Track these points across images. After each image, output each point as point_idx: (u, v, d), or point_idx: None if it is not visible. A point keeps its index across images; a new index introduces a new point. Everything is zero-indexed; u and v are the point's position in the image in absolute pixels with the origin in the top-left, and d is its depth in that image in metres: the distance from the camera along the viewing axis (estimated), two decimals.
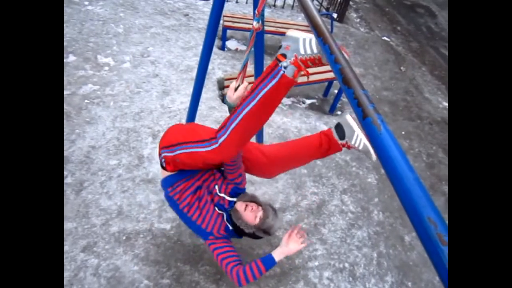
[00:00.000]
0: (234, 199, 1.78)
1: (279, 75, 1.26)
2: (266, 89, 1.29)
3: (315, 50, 1.24)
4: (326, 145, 1.73)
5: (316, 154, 1.78)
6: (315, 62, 1.26)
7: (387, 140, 0.46)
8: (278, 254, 1.72)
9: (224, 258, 1.72)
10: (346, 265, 2.57)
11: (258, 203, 1.77)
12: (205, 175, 1.83)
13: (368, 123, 0.49)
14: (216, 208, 1.77)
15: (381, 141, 0.47)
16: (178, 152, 1.63)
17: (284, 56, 1.26)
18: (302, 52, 1.24)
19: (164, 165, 1.77)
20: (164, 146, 1.73)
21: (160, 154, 1.78)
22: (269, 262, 1.70)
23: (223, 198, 1.77)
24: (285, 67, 1.25)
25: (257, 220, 1.70)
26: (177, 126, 1.92)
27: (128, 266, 2.24)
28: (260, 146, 1.90)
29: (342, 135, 1.66)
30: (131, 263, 2.26)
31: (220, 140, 1.46)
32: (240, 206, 1.73)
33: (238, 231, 1.77)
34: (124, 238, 2.36)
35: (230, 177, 1.76)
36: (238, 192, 1.79)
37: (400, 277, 2.59)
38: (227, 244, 1.76)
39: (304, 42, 1.24)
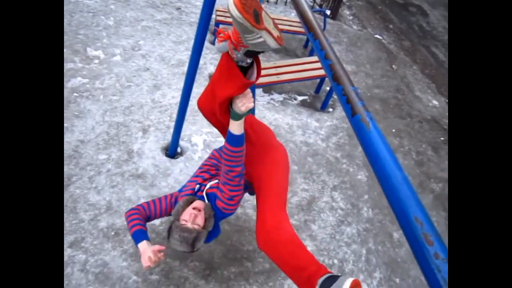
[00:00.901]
0: (205, 199, 1.70)
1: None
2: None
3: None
4: (306, 276, 1.42)
5: (290, 271, 1.50)
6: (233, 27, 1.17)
7: (376, 139, 0.45)
8: (140, 246, 1.66)
9: (150, 202, 1.80)
10: (335, 261, 2.59)
11: (204, 222, 1.62)
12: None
13: (357, 121, 0.49)
14: (196, 187, 1.76)
15: (369, 139, 0.46)
16: None
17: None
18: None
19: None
20: None
21: None
22: (135, 239, 1.69)
23: (204, 189, 1.75)
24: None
25: (182, 222, 1.59)
26: None
27: (116, 261, 2.22)
28: (281, 214, 1.63)
29: (326, 286, 1.34)
30: (119, 258, 2.24)
31: None
32: (197, 203, 1.64)
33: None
34: (112, 233, 2.34)
35: (220, 186, 1.66)
36: (213, 202, 1.69)
37: (388, 273, 2.62)
38: (161, 204, 1.79)
39: None
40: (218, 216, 1.70)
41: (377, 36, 5.70)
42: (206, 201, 1.69)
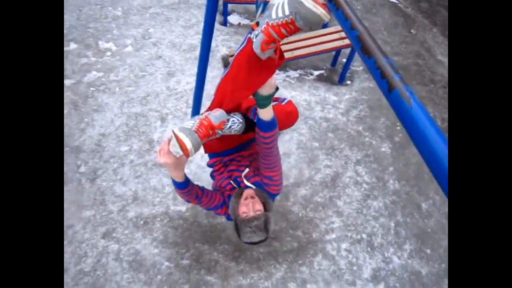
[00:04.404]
0: (252, 187, 1.64)
1: (245, 41, 1.23)
2: (238, 51, 1.28)
3: (286, 12, 1.05)
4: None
5: None
6: (289, 27, 1.08)
7: (420, 116, 0.40)
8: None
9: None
10: (364, 236, 2.57)
11: (263, 206, 1.56)
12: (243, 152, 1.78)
13: (395, 97, 0.44)
14: (234, 183, 1.70)
15: (412, 117, 0.41)
16: None
17: (258, 24, 1.17)
18: (273, 16, 1.09)
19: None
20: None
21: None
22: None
23: (241, 180, 1.68)
24: (256, 35, 1.15)
25: (243, 216, 1.53)
26: None
27: (148, 249, 2.29)
28: None
29: None
30: (150, 246, 2.30)
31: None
32: (246, 193, 1.58)
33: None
34: (141, 222, 2.39)
35: (264, 173, 1.60)
36: (261, 188, 1.64)
37: (418, 245, 2.58)
38: (213, 194, 1.72)
39: (278, 5, 1.08)
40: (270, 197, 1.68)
41: (392, 0, 5.42)
42: (254, 187, 1.64)
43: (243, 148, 1.78)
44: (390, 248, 2.54)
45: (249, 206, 1.52)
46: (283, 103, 1.79)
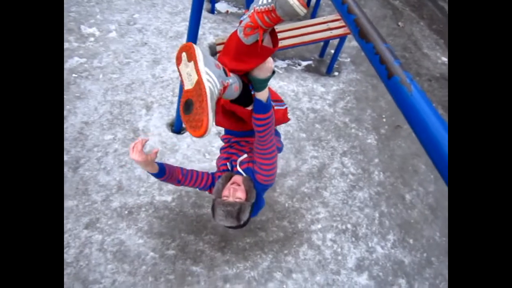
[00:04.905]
0: (243, 174, 1.62)
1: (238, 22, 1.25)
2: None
3: None
4: None
5: None
6: (271, 15, 1.10)
7: (420, 103, 0.39)
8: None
9: (190, 169, 1.72)
10: (349, 226, 2.60)
11: (246, 195, 1.54)
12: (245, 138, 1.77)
13: (395, 83, 0.42)
14: (229, 165, 1.69)
15: (412, 104, 0.40)
16: None
17: (249, 9, 1.21)
18: (259, 2, 1.12)
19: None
20: None
21: None
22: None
23: (236, 164, 1.66)
24: (244, 19, 1.19)
25: (223, 198, 1.52)
26: None
27: (132, 239, 2.25)
28: None
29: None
30: (135, 236, 2.27)
31: None
32: (235, 178, 1.58)
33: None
34: (126, 212, 2.35)
35: (256, 160, 1.56)
36: (252, 176, 1.61)
37: (401, 235, 2.63)
38: (198, 174, 1.72)
39: None
40: (259, 188, 1.64)
41: None
42: (244, 175, 1.62)
43: (252, 134, 1.75)
44: (374, 238, 2.58)
45: (231, 191, 1.52)
46: (282, 107, 1.74)
